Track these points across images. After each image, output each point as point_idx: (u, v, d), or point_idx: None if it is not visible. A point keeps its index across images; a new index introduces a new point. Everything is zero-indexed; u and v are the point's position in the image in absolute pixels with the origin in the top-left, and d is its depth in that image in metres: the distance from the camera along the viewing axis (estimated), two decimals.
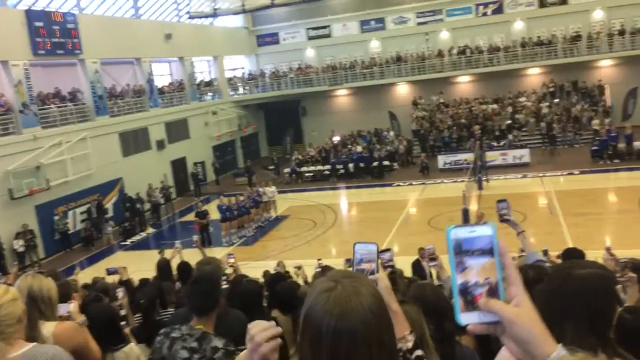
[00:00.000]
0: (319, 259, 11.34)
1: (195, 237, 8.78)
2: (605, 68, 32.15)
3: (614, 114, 29.80)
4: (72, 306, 3.18)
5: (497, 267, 1.15)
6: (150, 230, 23.77)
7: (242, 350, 3.11)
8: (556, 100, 31.24)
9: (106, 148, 24.38)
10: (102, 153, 23.87)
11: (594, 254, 9.58)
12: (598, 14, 32.73)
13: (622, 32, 31.24)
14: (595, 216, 18.48)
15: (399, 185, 26.30)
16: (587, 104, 30.53)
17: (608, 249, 4.97)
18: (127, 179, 25.10)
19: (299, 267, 10.60)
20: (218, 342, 3.16)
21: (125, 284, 6.62)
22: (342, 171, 28.89)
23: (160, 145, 28.12)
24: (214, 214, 20.86)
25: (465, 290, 1.15)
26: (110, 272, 7.67)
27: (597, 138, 25.99)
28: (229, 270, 7.25)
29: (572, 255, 6.00)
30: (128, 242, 22.34)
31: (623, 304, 4.28)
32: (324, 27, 37.44)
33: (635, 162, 24.34)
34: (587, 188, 22.06)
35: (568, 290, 1.85)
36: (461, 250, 1.17)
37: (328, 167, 29.45)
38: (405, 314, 2.03)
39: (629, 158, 24.82)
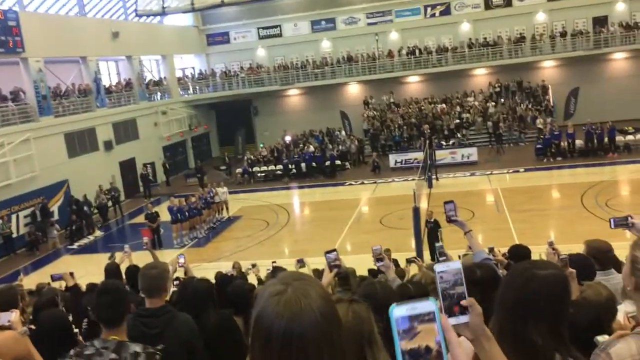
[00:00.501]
0: (273, 262, 11.31)
1: (146, 239, 8.59)
2: (548, 69, 33.28)
3: (557, 113, 30.88)
4: (14, 315, 3.07)
5: (440, 335, 1.22)
6: (98, 233, 23.19)
7: (159, 350, 3.13)
8: (502, 100, 32.14)
9: (51, 149, 23.63)
10: (46, 154, 23.12)
11: (539, 249, 9.91)
12: (541, 16, 33.85)
13: (563, 34, 32.41)
14: (539, 212, 19.10)
15: (351, 184, 26.52)
16: (532, 103, 31.54)
17: (551, 244, 5.15)
18: (73, 181, 24.39)
19: (253, 265, 10.58)
20: (137, 347, 3.09)
21: (72, 290, 6.44)
22: (294, 171, 28.91)
23: (108, 146, 27.46)
24: (165, 216, 20.52)
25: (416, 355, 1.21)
26: (54, 278, 7.41)
27: (541, 137, 26.87)
28: (179, 272, 7.15)
29: (518, 252, 6.19)
30: (75, 245, 21.73)
31: None
32: (275, 27, 37.36)
33: (577, 160, 25.29)
34: (532, 185, 22.79)
35: (531, 292, 1.89)
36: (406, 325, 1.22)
37: (280, 167, 29.42)
38: (354, 313, 2.08)
39: (570, 156, 25.75)
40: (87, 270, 12.19)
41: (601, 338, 2.29)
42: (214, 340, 4.18)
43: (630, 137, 25.94)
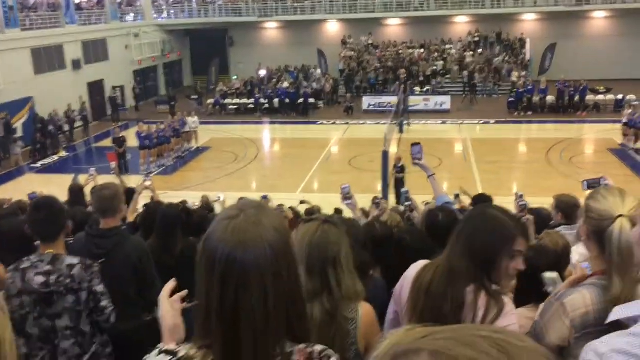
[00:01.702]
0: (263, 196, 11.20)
1: (113, 165, 8.52)
2: (528, 22, 33.13)
3: (533, 67, 30.97)
4: None
5: None
6: (63, 153, 22.78)
7: (99, 264, 3.24)
8: (479, 51, 32.02)
9: (16, 64, 22.78)
10: (11, 69, 22.30)
11: (502, 200, 10.16)
12: None
13: None
14: (505, 164, 19.45)
15: (323, 123, 26.42)
16: (509, 56, 31.51)
17: (521, 196, 5.33)
18: (39, 98, 23.68)
19: (219, 197, 10.57)
20: (73, 260, 3.19)
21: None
22: (267, 106, 28.60)
23: (76, 65, 26.60)
24: (132, 141, 20.22)
25: None
26: (31, 197, 7.40)
27: (514, 90, 27.02)
28: (145, 195, 7.08)
29: (481, 200, 6.36)
30: (38, 164, 21.36)
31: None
32: None
33: (547, 115, 25.61)
34: (501, 137, 23.08)
35: (476, 223, 2.04)
36: None
37: (253, 100, 29.05)
38: (323, 232, 2.12)
39: (541, 111, 26.05)
40: (49, 190, 11.99)
41: (548, 274, 2.40)
42: (179, 266, 4.22)
43: (600, 97, 26.30)
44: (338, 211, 10.86)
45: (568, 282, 2.10)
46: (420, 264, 2.20)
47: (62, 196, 8.45)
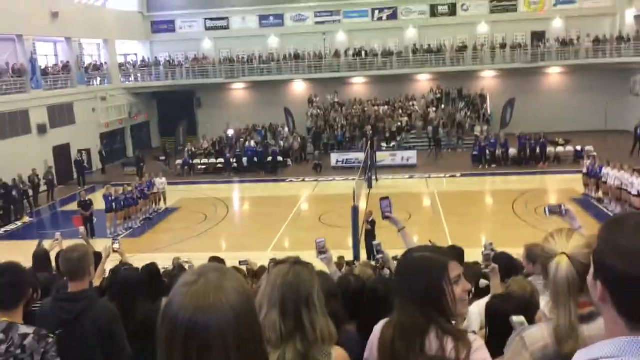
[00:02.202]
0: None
1: (82, 229, 8.34)
2: (488, 78, 34.40)
3: (494, 121, 31.94)
4: None
5: None
6: (27, 219, 22.27)
7: (54, 335, 3.10)
8: (442, 107, 32.97)
9: None
10: None
11: (472, 251, 10.25)
12: (483, 28, 34.92)
13: (503, 46, 33.60)
14: (473, 216, 19.74)
15: (292, 181, 26.55)
16: (470, 111, 32.50)
17: (491, 245, 5.44)
18: (1, 163, 23.26)
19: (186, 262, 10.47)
20: (27, 329, 3.07)
21: None
22: (235, 165, 28.67)
23: (42, 129, 26.40)
24: (99, 204, 19.93)
25: None
26: None
27: (478, 144, 27.74)
28: (113, 259, 6.94)
29: (453, 252, 6.41)
30: (1, 231, 20.80)
31: (489, 292, 4.67)
32: (223, 19, 36.93)
33: (510, 168, 26.26)
34: (467, 190, 23.51)
35: (406, 270, 2.21)
36: None
37: (222, 160, 29.11)
38: (295, 273, 2.14)
39: (504, 164, 26.72)
40: (13, 257, 11.68)
41: (515, 318, 2.46)
42: (140, 332, 4.11)
43: (560, 149, 27.17)
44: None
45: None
46: (382, 323, 2.27)
47: (27, 262, 8.24)
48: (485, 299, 3.91)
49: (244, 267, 9.69)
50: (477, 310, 4.04)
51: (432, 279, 2.07)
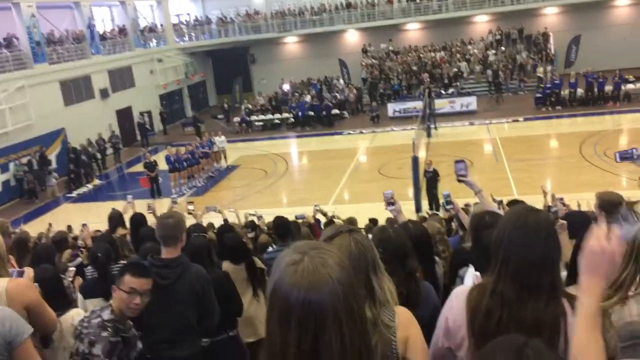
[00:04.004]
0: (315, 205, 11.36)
1: (130, 198, 8.53)
2: (550, 15, 32.70)
3: (558, 61, 30.50)
4: (25, 274, 3.10)
5: None
6: (97, 182, 23.21)
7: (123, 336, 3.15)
8: (502, 49, 31.70)
9: (46, 97, 23.34)
10: (42, 103, 22.86)
11: (536, 198, 9.98)
12: None
13: None
14: (537, 162, 19.13)
15: (349, 133, 26.41)
16: (532, 51, 31.11)
17: (560, 199, 5.24)
18: (70, 129, 24.21)
19: (259, 217, 10.70)
20: (107, 315, 3.16)
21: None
22: (292, 120, 28.73)
23: (104, 94, 27.16)
24: (163, 165, 20.50)
25: None
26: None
27: (541, 85, 26.62)
28: (189, 220, 7.16)
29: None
30: (74, 194, 21.78)
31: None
32: None
33: (577, 109, 25.14)
34: (531, 134, 22.73)
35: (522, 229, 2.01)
36: None
37: (278, 115, 29.23)
38: (356, 242, 2.10)
39: (571, 105, 25.59)
40: (87, 219, 12.20)
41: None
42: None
43: (630, 86, 25.72)
44: (373, 220, 10.84)
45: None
46: (464, 288, 2.16)
47: (100, 224, 8.61)
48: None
49: (300, 221, 9.80)
50: None
51: (551, 239, 1.97)
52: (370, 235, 2.84)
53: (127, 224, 6.94)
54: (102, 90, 27.07)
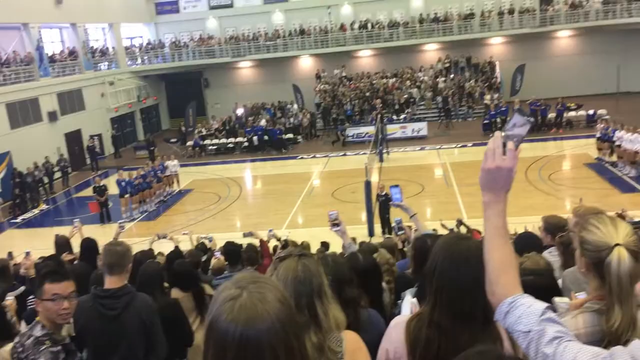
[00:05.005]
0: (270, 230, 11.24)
1: (76, 222, 8.30)
2: (496, 45, 33.96)
3: (504, 89, 31.60)
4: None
5: None
6: (44, 206, 22.54)
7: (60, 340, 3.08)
8: (451, 76, 32.67)
9: None
10: None
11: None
12: None
13: (511, 11, 33.06)
14: None
15: (303, 157, 26.58)
16: (480, 79, 32.18)
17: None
18: (16, 153, 23.52)
19: (210, 239, 10.60)
20: (39, 332, 3.07)
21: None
22: (246, 144, 28.72)
23: (53, 117, 26.55)
24: (113, 189, 20.11)
25: None
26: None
27: (488, 112, 27.50)
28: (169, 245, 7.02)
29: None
30: (19, 219, 21.09)
31: None
32: None
33: None
34: (479, 159, 23.09)
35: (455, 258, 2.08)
36: None
37: (232, 139, 29.19)
38: (304, 266, 2.13)
39: None
40: (32, 245, 11.83)
41: (559, 299, 2.37)
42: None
43: (572, 114, 26.86)
44: (325, 244, 10.92)
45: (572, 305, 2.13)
46: (403, 317, 2.21)
47: (46, 250, 8.38)
48: None
49: (251, 240, 9.75)
50: None
51: (482, 267, 1.97)
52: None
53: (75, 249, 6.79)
54: (51, 113, 26.46)
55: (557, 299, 2.36)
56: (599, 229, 1.91)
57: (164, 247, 10.28)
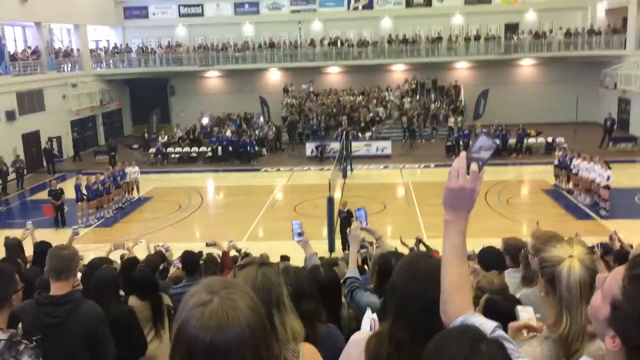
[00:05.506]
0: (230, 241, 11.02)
1: (29, 224, 8.00)
2: (462, 69, 34.67)
3: (467, 113, 32.24)
4: None
5: None
6: None
7: (32, 340, 2.96)
8: (417, 97, 33.16)
9: None
10: None
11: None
12: (458, 19, 35.11)
13: (477, 37, 33.86)
14: None
15: (267, 170, 26.47)
16: (444, 102, 32.75)
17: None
18: None
19: (167, 249, 10.39)
20: (2, 335, 2.88)
21: None
22: (209, 154, 28.46)
23: (11, 116, 25.80)
24: (70, 193, 19.60)
25: None
26: None
27: (452, 135, 27.97)
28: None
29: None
30: None
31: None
32: (197, 6, 36.44)
33: None
34: (441, 180, 23.53)
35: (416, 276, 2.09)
36: None
37: (195, 149, 28.89)
38: (263, 275, 2.11)
39: None
40: None
41: (521, 308, 2.38)
42: (112, 333, 4.04)
43: (532, 140, 27.55)
44: (285, 258, 10.84)
45: (511, 331, 2.14)
46: (362, 334, 2.20)
47: None
48: None
49: (213, 250, 9.59)
50: None
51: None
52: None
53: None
54: (9, 112, 25.72)
55: (519, 307, 2.39)
56: (555, 247, 2.01)
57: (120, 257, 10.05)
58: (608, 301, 1.32)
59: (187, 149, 29.17)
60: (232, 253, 11.35)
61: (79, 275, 5.51)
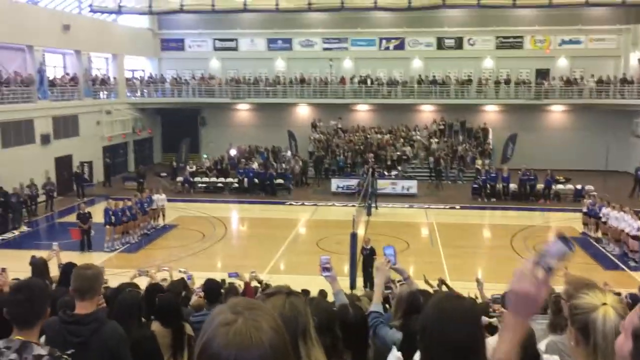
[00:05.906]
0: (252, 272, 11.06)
1: (55, 246, 8.11)
2: (491, 112, 34.62)
3: (495, 156, 32.07)
4: None
5: None
6: (24, 228, 22.21)
7: (68, 355, 3.00)
8: (444, 138, 33.15)
9: None
10: None
11: (468, 285, 10.23)
12: (488, 62, 35.27)
13: (507, 82, 33.88)
14: (470, 249, 19.68)
15: (291, 204, 26.54)
16: (472, 144, 32.66)
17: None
18: (4, 172, 23.30)
19: (189, 276, 10.43)
20: (41, 350, 2.90)
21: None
22: (236, 185, 28.72)
23: (45, 140, 26.49)
24: (98, 217, 19.89)
25: None
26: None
27: (478, 177, 27.80)
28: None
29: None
30: None
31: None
32: (231, 40, 37.32)
33: (509, 202, 26.26)
34: (466, 222, 23.48)
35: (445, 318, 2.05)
36: None
37: (222, 179, 29.20)
38: (291, 305, 2.09)
39: (504, 198, 26.73)
40: (7, 266, 11.53)
41: (547, 358, 2.34)
42: (133, 357, 4.06)
43: (560, 187, 27.21)
44: (305, 292, 10.76)
45: None
46: None
47: (23, 272, 8.21)
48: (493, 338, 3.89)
49: (235, 280, 9.60)
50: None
51: (475, 327, 2.00)
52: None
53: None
54: (44, 136, 26.42)
55: (545, 357, 2.34)
56: (587, 294, 1.97)
57: (145, 284, 10.12)
58: (629, 334, 1.32)
59: (214, 179, 29.49)
60: (254, 284, 11.35)
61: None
